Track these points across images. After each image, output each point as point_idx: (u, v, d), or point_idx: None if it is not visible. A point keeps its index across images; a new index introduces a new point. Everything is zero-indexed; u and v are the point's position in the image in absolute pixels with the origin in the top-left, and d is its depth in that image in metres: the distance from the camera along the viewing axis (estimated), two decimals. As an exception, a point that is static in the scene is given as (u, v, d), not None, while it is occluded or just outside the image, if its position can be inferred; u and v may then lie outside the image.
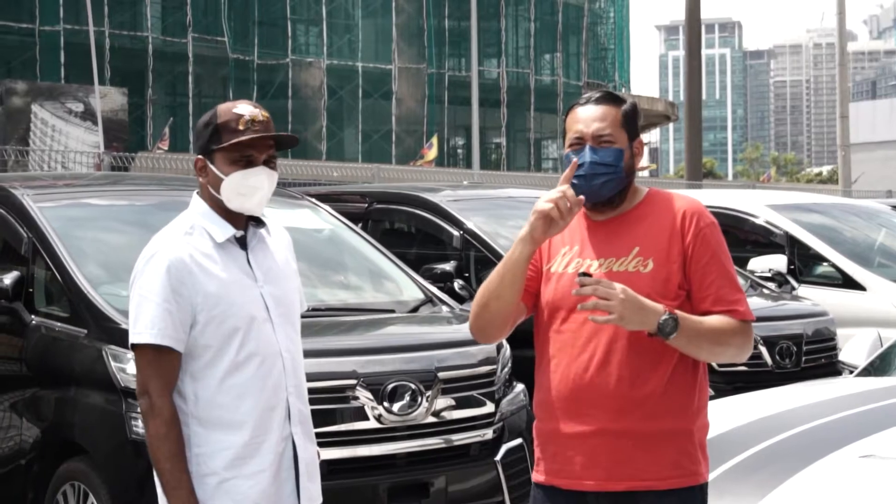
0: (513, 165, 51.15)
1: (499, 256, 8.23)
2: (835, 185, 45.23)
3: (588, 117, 3.58)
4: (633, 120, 3.64)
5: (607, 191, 3.55)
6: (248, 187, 3.62)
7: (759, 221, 11.18)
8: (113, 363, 5.64)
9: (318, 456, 3.83)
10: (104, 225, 6.92)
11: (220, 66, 43.34)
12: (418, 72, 48.27)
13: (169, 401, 3.54)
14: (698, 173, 22.82)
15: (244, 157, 3.61)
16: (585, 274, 3.41)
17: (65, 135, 32.53)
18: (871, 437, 4.58)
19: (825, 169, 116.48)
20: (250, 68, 44.00)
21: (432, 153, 36.76)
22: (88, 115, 32.44)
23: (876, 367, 6.25)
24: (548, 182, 24.92)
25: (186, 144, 41.43)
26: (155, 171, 21.31)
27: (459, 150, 53.40)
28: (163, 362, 3.54)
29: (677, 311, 3.42)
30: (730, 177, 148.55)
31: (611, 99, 3.63)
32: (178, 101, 43.77)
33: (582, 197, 3.48)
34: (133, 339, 3.57)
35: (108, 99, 34.10)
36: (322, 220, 7.61)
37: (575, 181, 3.54)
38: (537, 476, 3.65)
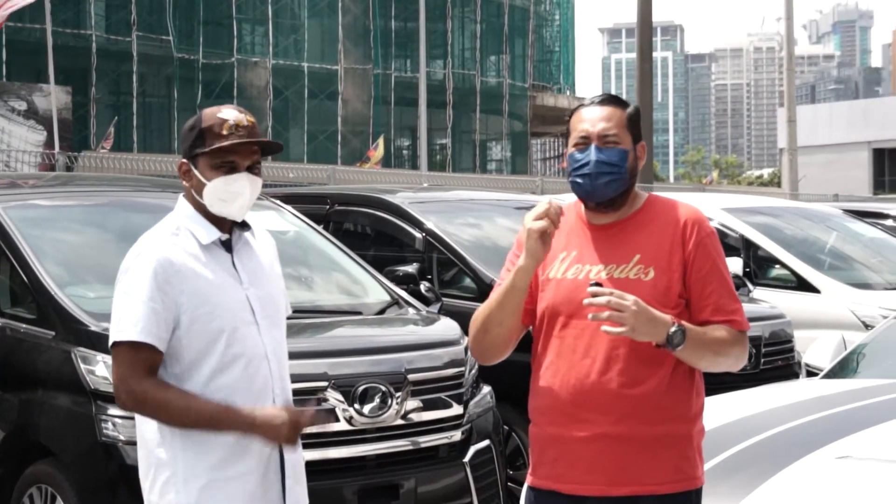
0: (458, 167, 51.22)
1: (459, 257, 8.25)
2: (777, 188, 45.65)
3: (594, 117, 3.60)
4: (637, 123, 3.66)
5: (611, 191, 3.56)
6: (230, 193, 3.61)
7: (714, 224, 11.24)
8: (82, 365, 5.60)
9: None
10: (68, 226, 6.86)
11: (164, 65, 43.08)
12: (364, 72, 48.23)
13: (149, 382, 3.50)
14: (649, 176, 22.97)
15: (227, 163, 3.60)
16: (598, 284, 3.40)
17: (7, 133, 32.20)
18: (846, 439, 4.64)
19: (766, 171, 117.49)
20: (195, 67, 43.77)
21: (379, 154, 36.70)
22: (32, 113, 32.13)
23: (837, 370, 6.33)
24: (501, 184, 25.00)
25: (130, 144, 41.14)
26: (99, 171, 21.16)
27: (405, 152, 53.38)
28: (141, 360, 3.51)
29: (684, 323, 3.44)
30: (671, 179, 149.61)
31: (615, 101, 3.66)
32: (122, 100, 43.44)
33: (560, 204, 3.50)
34: (116, 336, 3.53)
35: (52, 98, 33.78)
36: (287, 221, 7.59)
37: (579, 180, 3.55)
38: (534, 481, 3.65)
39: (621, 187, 3.57)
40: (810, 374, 7.50)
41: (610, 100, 3.66)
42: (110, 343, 3.57)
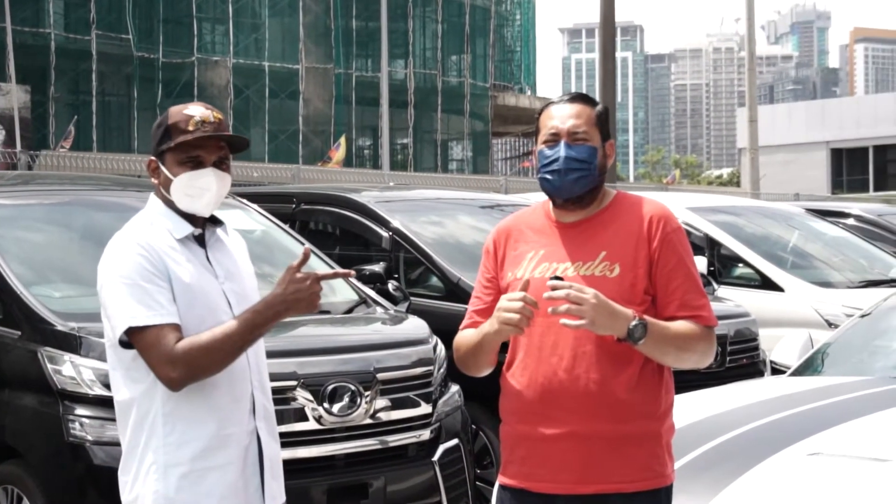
0: (419, 166, 51.15)
1: (426, 256, 8.24)
2: (737, 188, 45.89)
3: (564, 115, 3.62)
4: (606, 121, 3.68)
5: (580, 187, 3.58)
6: (196, 188, 3.60)
7: (679, 222, 11.31)
8: (49, 365, 5.56)
9: None
10: (32, 225, 6.81)
11: (124, 64, 42.78)
12: (325, 72, 48.08)
13: (180, 343, 3.44)
14: (612, 176, 22.94)
15: (192, 158, 3.59)
16: (557, 278, 3.41)
17: (-35, 132, 31.94)
18: (816, 436, 4.67)
19: (725, 171, 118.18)
20: (155, 66, 43.49)
21: (340, 154, 36.57)
22: (-10, 112, 31.83)
23: (804, 368, 6.37)
24: (466, 184, 24.98)
25: (90, 143, 40.84)
26: (59, 170, 21.00)
27: (366, 151, 53.30)
28: (172, 339, 3.45)
29: (646, 317, 3.44)
30: (631, 179, 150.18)
31: (584, 99, 3.69)
32: (81, 99, 43.06)
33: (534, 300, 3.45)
34: (135, 321, 3.44)
35: (11, 96, 33.54)
36: (254, 220, 7.57)
37: (549, 176, 3.58)
38: (505, 479, 3.65)
39: (590, 184, 3.59)
40: (776, 371, 7.54)
41: (579, 98, 3.69)
42: (125, 330, 3.45)
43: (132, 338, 3.48)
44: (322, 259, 7.43)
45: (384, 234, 8.57)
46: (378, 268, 7.91)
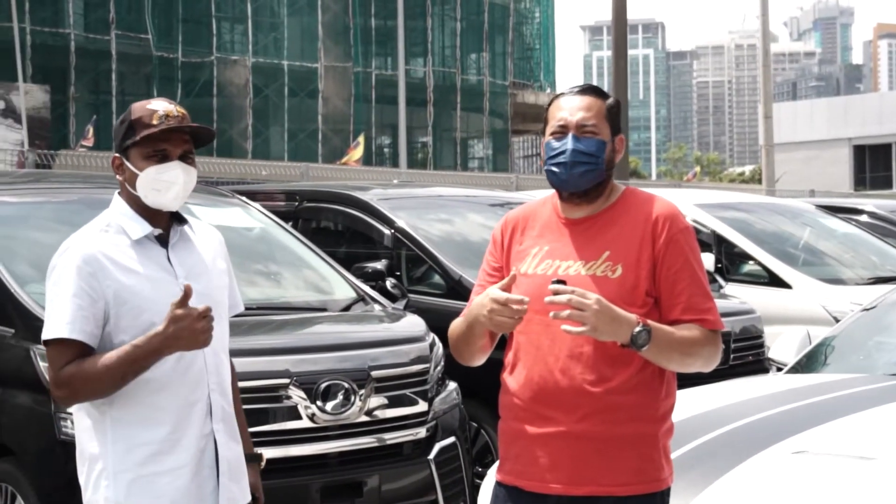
0: (439, 165, 51.15)
1: (429, 254, 8.22)
2: (757, 185, 45.74)
3: (573, 106, 3.52)
4: (617, 115, 3.58)
5: (586, 182, 3.49)
6: (163, 182, 3.57)
7: (687, 220, 11.26)
8: (41, 363, 5.54)
9: (264, 459, 3.81)
10: (30, 223, 6.81)
11: (143, 63, 42.93)
12: (344, 70, 48.16)
13: (69, 365, 3.45)
14: (624, 173, 22.97)
15: (158, 152, 3.57)
16: (560, 281, 3.32)
17: (-14, 132, 32.04)
18: (803, 434, 4.62)
19: (747, 168, 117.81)
20: (175, 66, 43.65)
21: (358, 152, 36.62)
22: (10, 112, 31.94)
23: (802, 365, 6.32)
24: (475, 181, 24.93)
25: (110, 143, 40.46)
26: (78, 170, 21.06)
27: (386, 150, 53.33)
28: (72, 356, 3.46)
29: (650, 322, 3.35)
30: (653, 176, 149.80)
31: (595, 92, 3.58)
32: (101, 98, 43.24)
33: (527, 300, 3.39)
34: (45, 334, 3.50)
35: (30, 96, 33.67)
36: (253, 218, 7.56)
37: (555, 169, 3.48)
38: (500, 476, 3.61)
39: (596, 178, 3.50)
40: (779, 369, 7.48)
41: (590, 90, 3.58)
42: (42, 343, 3.53)
43: (46, 345, 3.52)
44: (320, 256, 7.42)
45: (386, 231, 8.55)
46: (379, 265, 7.90)
